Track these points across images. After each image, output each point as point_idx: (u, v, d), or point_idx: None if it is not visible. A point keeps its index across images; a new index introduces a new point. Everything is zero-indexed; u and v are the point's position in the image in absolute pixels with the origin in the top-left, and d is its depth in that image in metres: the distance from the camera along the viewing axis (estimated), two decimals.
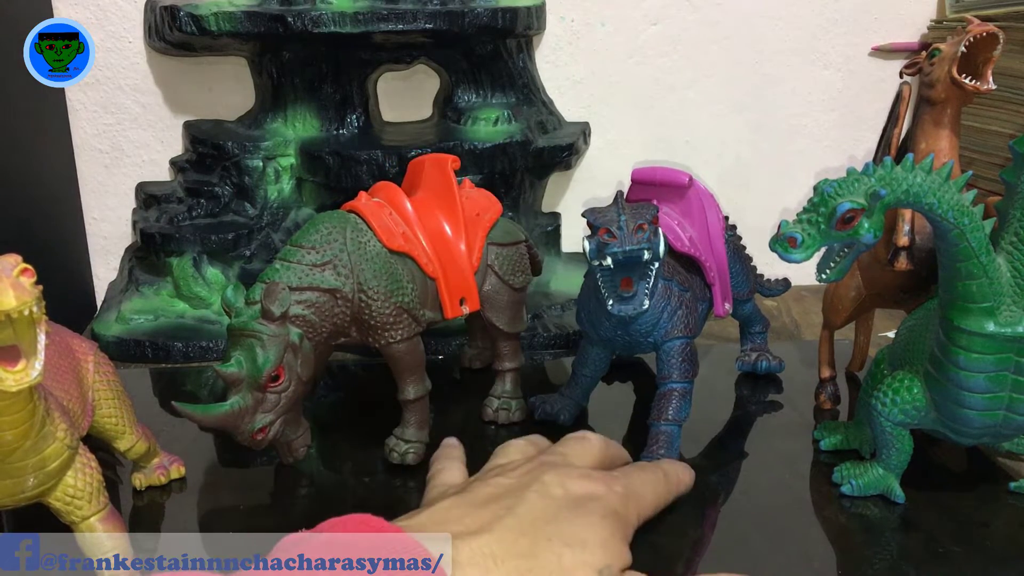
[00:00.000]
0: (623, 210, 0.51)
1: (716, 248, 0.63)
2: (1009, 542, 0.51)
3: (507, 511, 0.32)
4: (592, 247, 0.51)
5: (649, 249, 0.50)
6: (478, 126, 0.84)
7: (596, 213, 0.52)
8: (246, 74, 0.88)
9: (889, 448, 0.54)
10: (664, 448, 0.56)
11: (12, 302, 0.33)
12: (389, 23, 0.77)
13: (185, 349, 0.78)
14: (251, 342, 0.51)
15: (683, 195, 0.62)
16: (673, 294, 0.57)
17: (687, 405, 0.57)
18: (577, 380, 0.64)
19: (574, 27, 0.91)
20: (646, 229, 0.50)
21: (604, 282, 0.52)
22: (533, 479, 0.35)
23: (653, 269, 0.52)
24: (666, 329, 0.57)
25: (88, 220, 0.92)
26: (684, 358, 0.57)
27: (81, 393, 0.49)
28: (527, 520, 0.32)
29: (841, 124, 0.97)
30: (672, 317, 0.57)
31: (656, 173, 0.63)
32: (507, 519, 0.32)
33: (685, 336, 0.57)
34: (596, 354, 0.63)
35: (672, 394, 0.57)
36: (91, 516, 0.44)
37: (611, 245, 0.50)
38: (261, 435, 0.52)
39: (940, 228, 0.46)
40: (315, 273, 0.54)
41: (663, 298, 0.56)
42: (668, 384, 0.57)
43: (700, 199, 0.62)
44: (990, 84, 0.53)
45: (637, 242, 0.50)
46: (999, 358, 0.47)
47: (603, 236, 0.50)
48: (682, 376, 0.57)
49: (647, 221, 0.51)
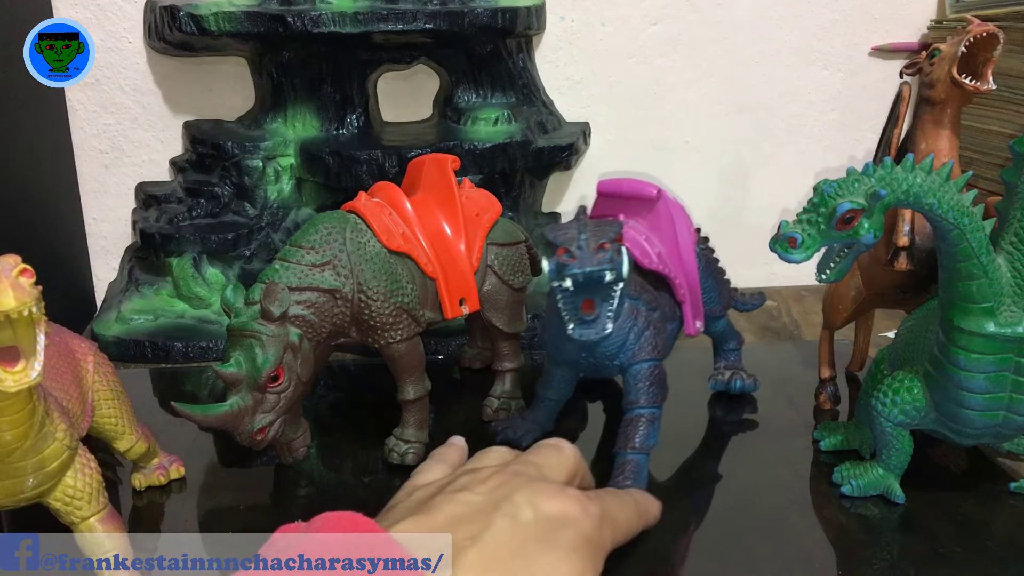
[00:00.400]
0: (584, 228, 0.48)
1: (687, 263, 0.60)
2: (1009, 542, 0.51)
3: (471, 542, 0.30)
4: (552, 267, 0.48)
5: (611, 270, 0.47)
6: (478, 126, 0.84)
7: (556, 231, 0.48)
8: (246, 74, 0.88)
9: (889, 448, 0.53)
10: (631, 478, 0.52)
11: (12, 302, 0.33)
12: (389, 23, 0.77)
13: (185, 349, 0.78)
14: (251, 342, 0.51)
15: (651, 208, 0.59)
16: (640, 314, 0.54)
17: (655, 432, 0.54)
18: (541, 403, 0.61)
19: (574, 27, 0.91)
20: (608, 248, 0.47)
21: (565, 304, 0.49)
22: (502, 498, 0.32)
23: (617, 290, 0.48)
24: (633, 351, 0.54)
25: (88, 220, 0.92)
26: (652, 382, 0.54)
27: (81, 393, 0.49)
28: (491, 553, 0.29)
29: (841, 124, 0.97)
30: (639, 338, 0.54)
31: (622, 185, 0.60)
32: (470, 552, 0.29)
33: (653, 359, 0.54)
34: (561, 376, 0.59)
35: (639, 420, 0.53)
36: (91, 516, 0.44)
37: (570, 266, 0.46)
38: (261, 435, 0.52)
39: (940, 228, 0.46)
40: (315, 273, 0.54)
41: (629, 318, 0.53)
42: (635, 410, 0.54)
43: (670, 212, 0.59)
44: (990, 84, 0.53)
45: (598, 262, 0.46)
46: (999, 358, 0.47)
47: (562, 256, 0.47)
48: (650, 401, 0.54)
49: (609, 239, 0.47)
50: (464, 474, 0.36)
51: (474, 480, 0.34)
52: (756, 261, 0.70)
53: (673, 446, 0.62)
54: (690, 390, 0.69)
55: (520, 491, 0.32)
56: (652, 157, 0.96)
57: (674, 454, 0.60)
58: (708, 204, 0.97)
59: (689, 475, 0.59)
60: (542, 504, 0.32)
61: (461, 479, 0.35)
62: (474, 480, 0.34)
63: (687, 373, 0.71)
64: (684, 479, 0.58)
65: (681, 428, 0.64)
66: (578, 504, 0.33)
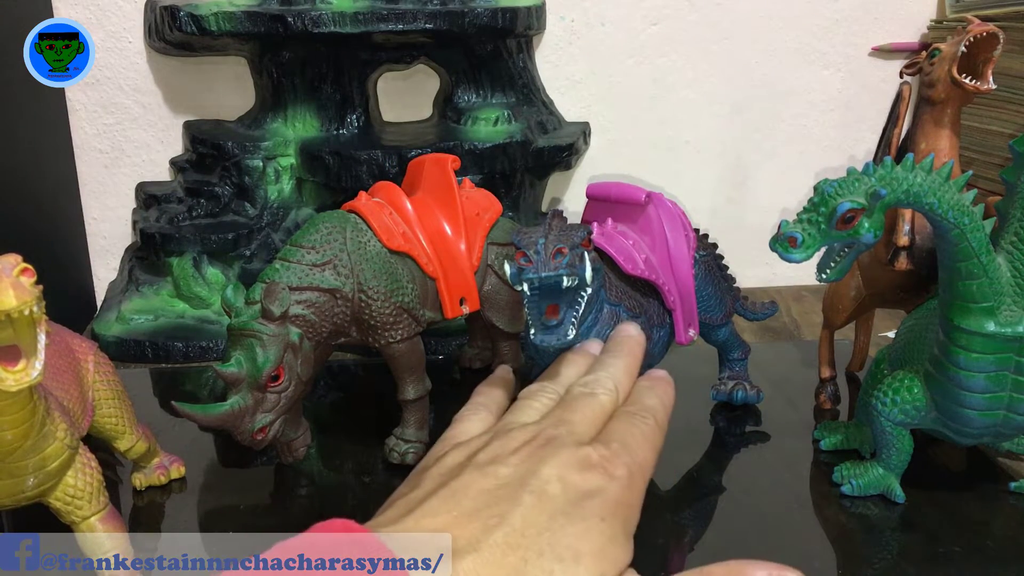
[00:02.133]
0: (547, 232, 0.47)
1: (679, 270, 0.58)
2: (1009, 542, 0.51)
3: (499, 521, 0.30)
4: (512, 272, 0.46)
5: (570, 275, 0.45)
6: (478, 126, 0.84)
7: (520, 234, 0.47)
8: (246, 74, 0.88)
9: (889, 448, 0.54)
10: None
11: (12, 302, 0.33)
12: (389, 23, 0.77)
13: (185, 349, 0.78)
14: (251, 342, 0.51)
15: (641, 212, 0.57)
16: (620, 320, 0.52)
17: None
18: None
19: (574, 27, 0.91)
20: (566, 253, 0.45)
21: (529, 309, 0.47)
22: (529, 472, 0.33)
23: (584, 296, 0.47)
24: None
25: (88, 220, 0.92)
26: None
27: (81, 393, 0.49)
28: (518, 531, 0.30)
29: (841, 124, 0.97)
30: None
31: (611, 189, 0.59)
32: (496, 533, 0.30)
33: None
34: None
35: None
36: (91, 516, 0.44)
37: (527, 270, 0.45)
38: (261, 435, 0.52)
39: (940, 228, 0.46)
40: (315, 273, 0.54)
41: (608, 325, 0.51)
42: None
43: (660, 217, 0.58)
44: (990, 84, 0.53)
45: (555, 267, 0.45)
46: (999, 358, 0.47)
47: (519, 260, 0.46)
48: None
49: (569, 245, 0.46)
50: (496, 438, 0.36)
51: (504, 450, 0.35)
52: (756, 261, 0.70)
53: (673, 446, 0.61)
54: (690, 390, 0.69)
55: (547, 463, 0.33)
56: (652, 157, 0.96)
57: (674, 454, 0.61)
58: (708, 204, 0.97)
59: (689, 475, 0.59)
60: (570, 477, 0.32)
61: (493, 445, 0.35)
62: (504, 450, 0.35)
63: (687, 373, 0.70)
64: (684, 479, 0.58)
65: (681, 428, 0.64)
66: (603, 472, 0.33)
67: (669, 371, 0.47)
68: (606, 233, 0.56)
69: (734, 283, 0.67)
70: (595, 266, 0.48)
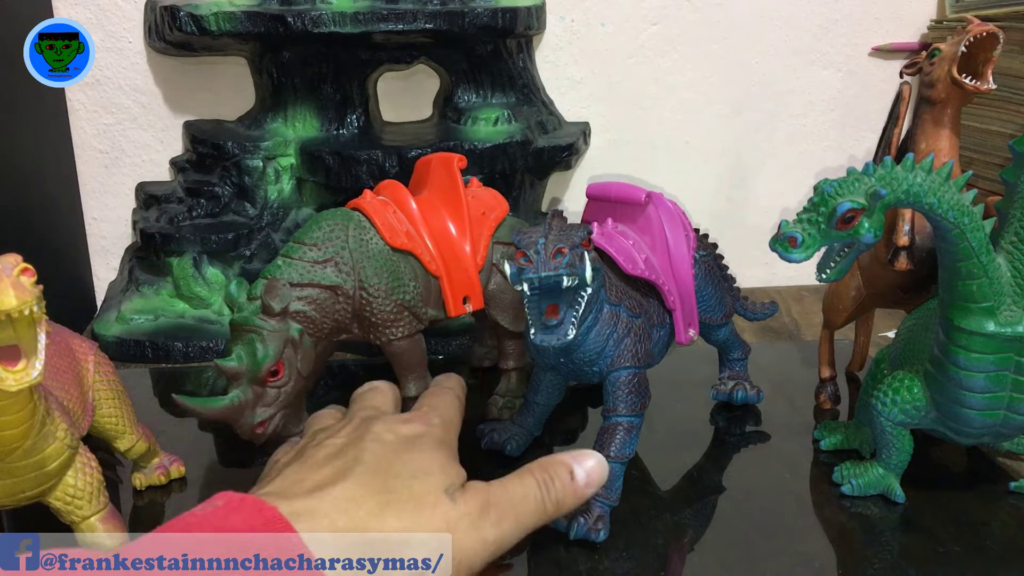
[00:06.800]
0: (547, 232, 0.47)
1: (679, 270, 0.58)
2: (1009, 542, 0.51)
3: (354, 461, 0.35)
4: (512, 271, 0.47)
5: (570, 275, 0.46)
6: (478, 126, 0.84)
7: (521, 234, 0.48)
8: (246, 74, 0.88)
9: (889, 448, 0.54)
10: (604, 487, 0.48)
11: (12, 302, 0.33)
12: (389, 23, 0.77)
13: (185, 349, 0.78)
14: (251, 337, 0.51)
15: (641, 212, 0.58)
16: (620, 320, 0.53)
17: (633, 441, 0.52)
18: (530, 408, 0.60)
19: (574, 27, 0.91)
20: (566, 253, 0.46)
21: (530, 308, 0.48)
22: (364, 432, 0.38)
23: (584, 296, 0.48)
24: (611, 358, 0.52)
25: (88, 220, 0.92)
26: (631, 390, 0.52)
27: (81, 393, 0.49)
28: (374, 464, 0.35)
29: (841, 124, 0.97)
30: (619, 345, 0.52)
31: (610, 189, 0.59)
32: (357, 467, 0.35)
33: (633, 366, 0.53)
34: (549, 380, 0.58)
35: (616, 428, 0.52)
36: (91, 516, 0.44)
37: (527, 270, 0.46)
38: (261, 429, 0.52)
39: (940, 228, 0.46)
40: (316, 269, 0.54)
41: (608, 325, 0.52)
42: (612, 418, 0.52)
43: (660, 217, 0.58)
44: (990, 84, 0.53)
45: (555, 267, 0.46)
46: (999, 358, 0.47)
47: (519, 260, 0.46)
48: (628, 409, 0.52)
49: (569, 245, 0.46)
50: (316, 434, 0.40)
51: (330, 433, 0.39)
52: (756, 261, 0.70)
53: (673, 445, 0.62)
54: (690, 390, 0.69)
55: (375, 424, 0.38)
56: (652, 157, 0.96)
57: (674, 453, 0.61)
58: (708, 204, 0.97)
59: (689, 475, 0.59)
60: (397, 428, 0.38)
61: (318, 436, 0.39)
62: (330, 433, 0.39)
63: (687, 373, 0.71)
64: (684, 479, 0.58)
65: (681, 427, 0.64)
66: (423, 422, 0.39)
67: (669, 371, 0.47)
68: (606, 233, 0.56)
69: (734, 283, 0.67)
70: (595, 266, 0.48)
